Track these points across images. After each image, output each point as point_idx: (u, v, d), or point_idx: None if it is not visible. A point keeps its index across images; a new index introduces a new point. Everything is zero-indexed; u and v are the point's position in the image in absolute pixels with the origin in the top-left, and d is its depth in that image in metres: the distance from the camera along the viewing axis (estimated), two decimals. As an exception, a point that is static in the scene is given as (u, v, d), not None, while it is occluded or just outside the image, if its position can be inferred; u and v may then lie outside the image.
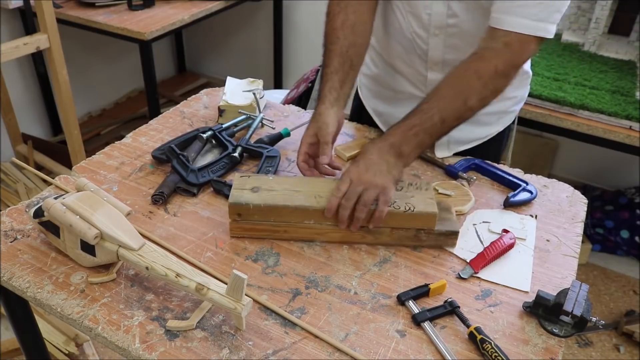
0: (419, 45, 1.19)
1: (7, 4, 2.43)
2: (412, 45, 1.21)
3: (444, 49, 1.17)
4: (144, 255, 0.87)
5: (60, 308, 0.88)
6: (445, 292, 0.94)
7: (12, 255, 0.96)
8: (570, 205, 1.16)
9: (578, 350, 2.05)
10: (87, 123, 3.09)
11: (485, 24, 1.09)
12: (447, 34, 1.14)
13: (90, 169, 1.20)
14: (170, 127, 1.36)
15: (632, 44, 2.21)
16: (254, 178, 1.05)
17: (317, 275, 0.96)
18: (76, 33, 2.52)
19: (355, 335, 0.86)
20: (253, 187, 1.02)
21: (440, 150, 1.31)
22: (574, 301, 0.86)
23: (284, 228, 1.01)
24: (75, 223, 0.88)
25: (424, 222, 1.00)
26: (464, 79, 1.02)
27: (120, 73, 3.29)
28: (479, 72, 1.01)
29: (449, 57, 1.17)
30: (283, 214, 1.00)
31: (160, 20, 2.35)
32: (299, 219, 1.00)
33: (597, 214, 2.47)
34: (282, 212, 1.00)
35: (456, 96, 1.02)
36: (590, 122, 1.87)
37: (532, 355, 0.84)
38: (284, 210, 0.99)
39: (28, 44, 1.98)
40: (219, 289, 0.83)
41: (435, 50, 1.18)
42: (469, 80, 1.02)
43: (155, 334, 0.84)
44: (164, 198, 1.10)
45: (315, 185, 1.04)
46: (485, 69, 1.01)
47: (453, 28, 1.13)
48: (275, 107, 1.48)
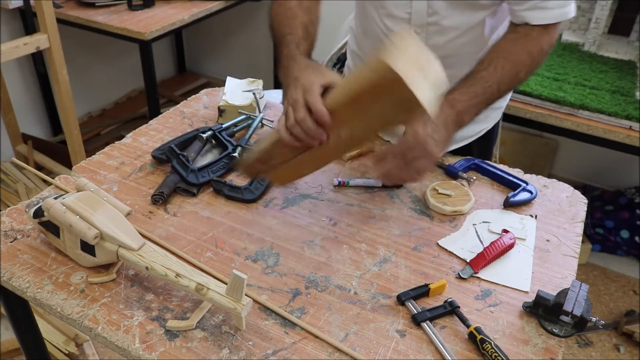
0: None
1: (7, 4, 2.43)
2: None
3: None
4: (144, 255, 0.87)
5: (60, 308, 0.88)
6: (445, 292, 0.94)
7: (12, 255, 0.96)
8: (570, 205, 1.16)
9: (578, 350, 2.05)
10: (87, 123, 3.09)
11: (465, 20, 1.11)
12: (427, 32, 1.14)
13: (90, 169, 1.20)
14: (170, 127, 1.36)
15: (632, 44, 2.21)
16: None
17: (317, 275, 0.96)
18: (76, 33, 2.53)
19: (355, 335, 0.86)
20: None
21: None
22: (574, 301, 0.86)
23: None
24: (75, 223, 0.88)
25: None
26: (517, 54, 1.05)
27: (120, 73, 3.29)
28: (528, 49, 1.05)
29: None
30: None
31: (160, 20, 2.35)
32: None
33: (597, 214, 2.48)
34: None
35: (511, 69, 1.04)
36: (590, 122, 1.87)
37: (532, 355, 0.84)
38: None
39: (28, 44, 1.98)
40: (219, 289, 0.83)
41: None
42: (521, 56, 1.05)
43: (155, 334, 0.84)
44: (164, 198, 1.10)
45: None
46: (534, 47, 1.05)
47: (433, 26, 1.13)
48: (275, 107, 1.48)
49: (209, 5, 2.52)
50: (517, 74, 1.06)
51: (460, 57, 1.16)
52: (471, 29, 1.13)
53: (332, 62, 2.08)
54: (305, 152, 0.97)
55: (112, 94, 3.31)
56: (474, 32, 1.14)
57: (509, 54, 1.05)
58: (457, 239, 1.06)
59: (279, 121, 0.96)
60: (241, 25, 3.41)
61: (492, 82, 1.03)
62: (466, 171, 1.23)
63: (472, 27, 1.13)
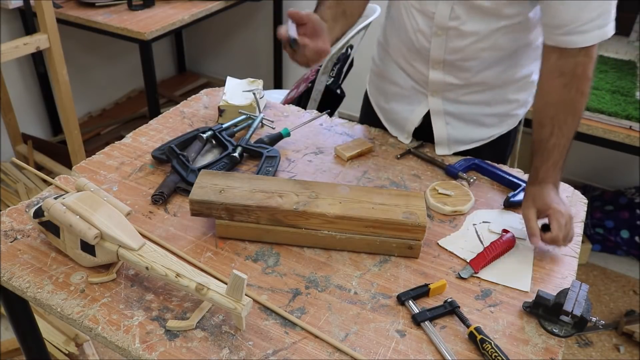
0: (422, 44, 1.20)
1: (7, 4, 2.43)
2: (415, 44, 1.21)
3: (446, 49, 1.18)
4: (144, 255, 0.87)
5: (60, 308, 0.88)
6: (445, 292, 0.94)
7: (12, 255, 0.96)
8: (571, 205, 1.16)
9: (578, 350, 2.05)
10: (87, 123, 3.08)
11: (485, 26, 1.11)
12: (447, 35, 1.15)
13: (90, 169, 1.20)
14: (170, 127, 1.36)
15: (632, 44, 2.21)
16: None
17: (317, 275, 0.96)
18: (76, 33, 2.53)
19: (355, 335, 0.86)
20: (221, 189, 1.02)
21: (441, 148, 1.32)
22: (574, 301, 0.86)
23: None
24: (75, 223, 0.88)
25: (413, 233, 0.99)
26: (573, 102, 1.06)
27: (120, 73, 3.29)
28: (581, 90, 1.06)
29: (450, 57, 1.18)
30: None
31: (160, 20, 2.35)
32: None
33: (597, 214, 2.47)
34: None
35: (574, 118, 1.07)
36: (590, 122, 1.87)
37: (532, 355, 0.84)
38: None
39: (28, 44, 1.98)
40: (219, 289, 0.83)
41: (437, 50, 1.18)
42: (575, 100, 1.06)
43: (155, 334, 0.84)
44: (164, 198, 1.10)
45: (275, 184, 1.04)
46: (584, 85, 1.06)
47: (454, 30, 1.14)
48: (275, 107, 1.48)
49: (209, 5, 2.52)
50: (578, 116, 1.07)
51: (478, 61, 1.18)
52: (491, 34, 1.13)
53: (332, 61, 2.09)
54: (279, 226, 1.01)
55: (112, 94, 3.31)
56: (493, 38, 1.14)
57: (565, 106, 1.06)
58: (457, 239, 1.06)
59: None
60: (241, 25, 3.41)
61: (563, 142, 1.06)
62: (466, 171, 1.23)
63: (492, 33, 1.13)
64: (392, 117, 1.38)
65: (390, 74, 1.34)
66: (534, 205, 1.03)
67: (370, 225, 0.98)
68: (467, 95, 1.25)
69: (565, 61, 1.05)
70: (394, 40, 1.29)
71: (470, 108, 1.27)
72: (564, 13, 1.01)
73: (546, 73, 1.08)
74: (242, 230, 1.01)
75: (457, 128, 1.30)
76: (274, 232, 1.01)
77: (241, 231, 1.01)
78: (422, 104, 1.29)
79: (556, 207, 1.01)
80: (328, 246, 1.01)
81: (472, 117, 1.28)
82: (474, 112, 1.27)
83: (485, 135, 1.32)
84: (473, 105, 1.26)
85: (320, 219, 0.98)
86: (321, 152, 1.30)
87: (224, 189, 1.01)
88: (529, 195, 1.07)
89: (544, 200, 1.03)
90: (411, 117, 1.32)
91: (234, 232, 1.02)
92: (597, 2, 0.99)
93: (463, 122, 1.29)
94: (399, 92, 1.34)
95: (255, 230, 1.01)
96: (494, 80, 1.22)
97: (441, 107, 1.28)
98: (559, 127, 1.06)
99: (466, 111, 1.27)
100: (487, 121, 1.29)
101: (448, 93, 1.25)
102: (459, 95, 1.25)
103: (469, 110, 1.27)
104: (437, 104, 1.27)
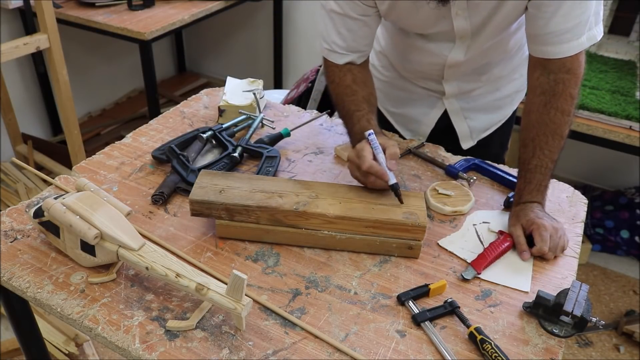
0: (435, 72, 1.26)
1: (7, 4, 2.43)
2: (426, 72, 1.28)
3: (460, 75, 1.25)
4: (144, 255, 0.87)
5: (60, 308, 0.88)
6: (445, 292, 0.94)
7: (12, 255, 0.96)
8: (570, 205, 1.16)
9: (578, 350, 2.05)
10: (87, 123, 3.08)
11: (497, 49, 1.18)
12: (462, 66, 1.22)
13: (90, 169, 1.20)
14: (170, 127, 1.36)
15: (632, 44, 2.21)
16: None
17: (317, 275, 0.96)
18: (76, 33, 2.53)
19: (355, 335, 0.86)
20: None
21: (465, 142, 1.38)
22: (574, 301, 0.86)
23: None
24: (75, 223, 0.88)
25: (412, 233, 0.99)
26: (553, 121, 1.04)
27: (120, 73, 3.29)
28: (561, 109, 1.04)
29: (465, 74, 1.25)
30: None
31: (160, 20, 2.35)
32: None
33: (597, 214, 2.47)
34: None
35: (554, 138, 1.05)
36: (590, 122, 1.87)
37: (532, 355, 0.84)
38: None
39: (28, 44, 1.98)
40: (219, 289, 0.83)
41: (451, 75, 1.25)
42: (557, 120, 1.04)
43: (155, 334, 0.84)
44: (164, 198, 1.10)
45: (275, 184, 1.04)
46: (565, 104, 1.04)
47: (468, 63, 1.20)
48: (275, 107, 1.48)
49: (209, 5, 2.52)
50: (562, 135, 1.05)
51: (490, 64, 1.24)
52: (500, 43, 1.19)
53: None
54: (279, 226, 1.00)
55: (112, 94, 3.31)
56: (502, 44, 1.20)
57: (546, 127, 1.04)
58: (457, 239, 1.06)
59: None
60: (241, 25, 3.41)
61: (546, 163, 1.05)
62: (466, 171, 1.23)
63: (501, 42, 1.19)
64: (405, 121, 1.40)
65: (399, 84, 1.36)
66: (519, 222, 1.03)
67: (371, 225, 0.98)
68: (479, 89, 1.31)
69: (547, 78, 1.05)
70: (400, 64, 1.32)
71: (484, 97, 1.32)
72: (541, 22, 1.01)
73: (530, 91, 1.09)
74: (242, 230, 1.01)
75: (476, 120, 1.36)
76: (274, 232, 1.01)
77: (241, 231, 1.02)
78: (436, 107, 1.33)
79: (539, 222, 1.00)
80: (328, 246, 1.01)
81: (487, 104, 1.34)
82: (487, 100, 1.33)
83: (500, 118, 1.39)
84: (486, 94, 1.32)
85: (320, 219, 0.98)
86: (321, 152, 1.30)
87: (224, 189, 1.01)
88: (513, 213, 1.06)
89: (528, 217, 1.02)
90: (426, 119, 1.36)
91: (234, 232, 1.02)
92: (575, 12, 0.99)
93: (481, 113, 1.35)
94: (410, 97, 1.36)
95: (255, 230, 1.01)
96: (502, 71, 1.28)
97: (457, 106, 1.33)
98: (540, 149, 1.05)
99: (481, 102, 1.33)
100: (501, 103, 1.36)
101: (462, 94, 1.31)
102: (473, 91, 1.31)
103: (483, 100, 1.33)
104: (453, 104, 1.32)
